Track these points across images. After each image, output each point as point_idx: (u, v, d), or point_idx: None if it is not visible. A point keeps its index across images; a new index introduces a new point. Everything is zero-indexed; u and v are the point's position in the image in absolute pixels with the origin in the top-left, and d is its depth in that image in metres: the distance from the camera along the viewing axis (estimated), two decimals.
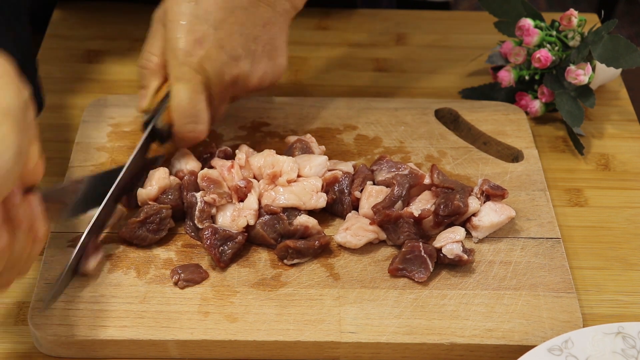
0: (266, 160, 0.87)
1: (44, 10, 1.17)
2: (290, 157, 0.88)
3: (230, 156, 0.90)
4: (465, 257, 0.81)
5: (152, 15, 0.88)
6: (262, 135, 0.97)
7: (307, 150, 0.91)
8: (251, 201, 0.84)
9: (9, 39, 0.77)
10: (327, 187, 0.87)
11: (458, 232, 0.83)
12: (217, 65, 0.83)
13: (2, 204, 0.63)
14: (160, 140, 0.88)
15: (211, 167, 0.88)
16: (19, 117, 0.61)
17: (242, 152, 0.89)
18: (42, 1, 1.18)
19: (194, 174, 0.87)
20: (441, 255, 0.82)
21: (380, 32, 1.17)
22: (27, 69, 0.72)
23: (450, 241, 0.82)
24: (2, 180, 0.60)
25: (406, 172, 0.88)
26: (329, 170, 0.88)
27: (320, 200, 0.86)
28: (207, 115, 0.85)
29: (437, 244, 0.83)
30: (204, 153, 0.91)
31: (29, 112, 0.64)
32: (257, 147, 0.93)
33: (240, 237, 0.82)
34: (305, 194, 0.85)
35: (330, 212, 0.88)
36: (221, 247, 0.82)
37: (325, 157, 0.89)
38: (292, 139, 0.93)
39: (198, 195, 0.84)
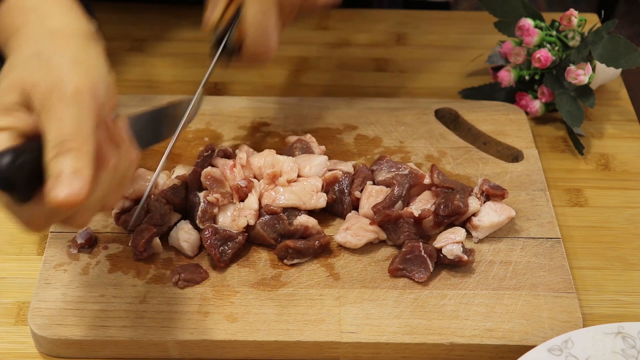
0: (266, 160, 0.87)
1: None
2: (290, 157, 0.88)
3: (230, 156, 0.90)
4: (465, 257, 0.81)
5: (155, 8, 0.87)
6: (262, 136, 0.97)
7: (307, 150, 0.91)
8: (251, 201, 0.84)
9: None
10: (327, 187, 0.87)
11: (458, 233, 0.83)
12: None
13: (103, 124, 0.65)
14: (229, 57, 0.87)
15: (212, 165, 0.88)
16: (97, 41, 0.67)
17: (243, 152, 0.89)
18: None
19: (197, 172, 0.87)
20: (441, 255, 0.82)
21: (380, 32, 1.17)
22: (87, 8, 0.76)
23: (450, 242, 0.82)
24: (106, 91, 0.65)
25: (406, 172, 0.88)
26: (329, 170, 0.88)
27: (320, 200, 0.86)
28: (278, 31, 0.85)
29: (437, 244, 0.83)
30: (205, 151, 0.91)
31: (100, 42, 0.69)
32: (257, 147, 0.93)
33: (240, 237, 0.82)
34: (305, 194, 0.85)
35: (330, 212, 0.88)
36: (221, 247, 0.82)
37: (325, 157, 0.89)
38: (292, 139, 0.93)
39: (201, 195, 0.84)
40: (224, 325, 0.77)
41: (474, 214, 0.85)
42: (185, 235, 0.83)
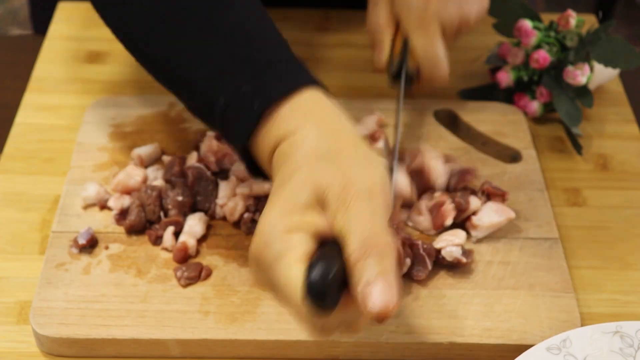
0: None
1: (45, 10, 1.17)
2: None
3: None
4: (464, 260, 0.82)
5: None
6: None
7: None
8: None
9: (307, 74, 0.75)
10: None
11: (458, 235, 0.83)
12: (447, 11, 0.92)
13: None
14: (409, 86, 0.96)
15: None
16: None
17: None
18: (43, 1, 1.19)
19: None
20: (440, 257, 0.82)
21: None
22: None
23: (450, 244, 0.82)
24: (389, 194, 0.65)
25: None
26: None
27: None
28: (446, 56, 0.93)
29: (437, 245, 0.83)
30: (198, 141, 0.93)
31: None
32: None
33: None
34: None
35: None
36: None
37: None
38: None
39: None
40: (224, 324, 0.78)
41: (474, 213, 0.86)
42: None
